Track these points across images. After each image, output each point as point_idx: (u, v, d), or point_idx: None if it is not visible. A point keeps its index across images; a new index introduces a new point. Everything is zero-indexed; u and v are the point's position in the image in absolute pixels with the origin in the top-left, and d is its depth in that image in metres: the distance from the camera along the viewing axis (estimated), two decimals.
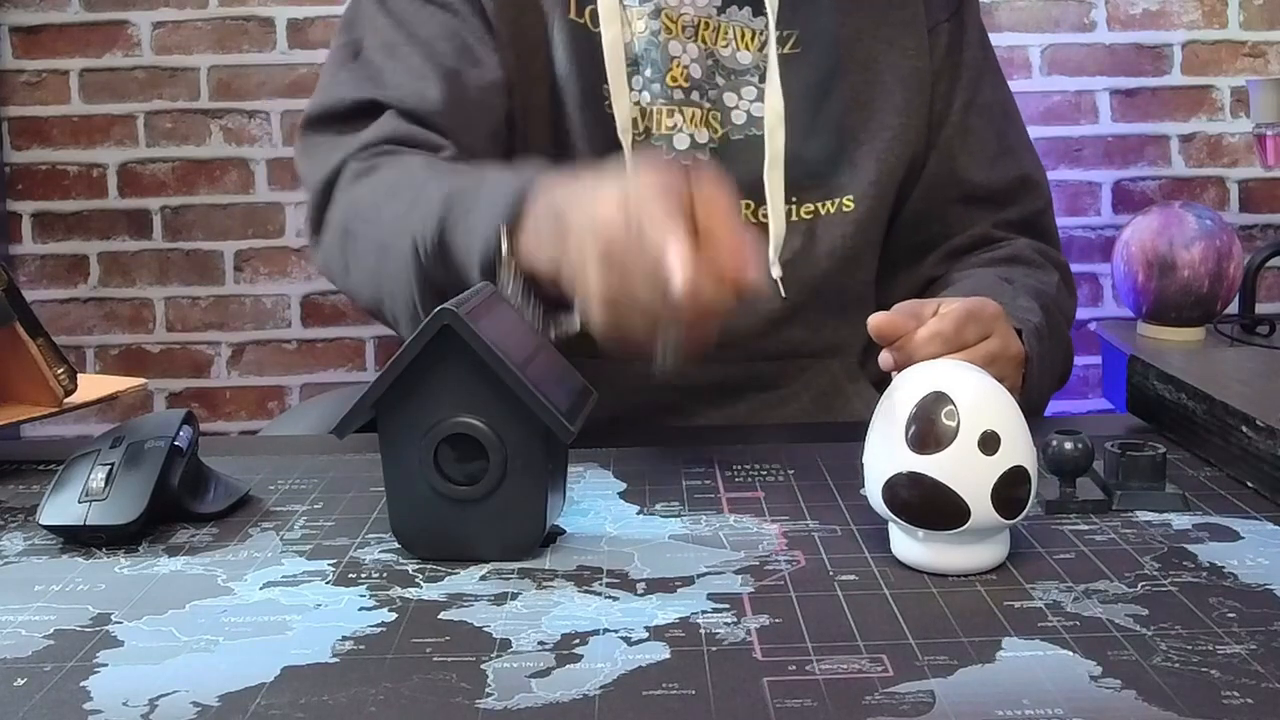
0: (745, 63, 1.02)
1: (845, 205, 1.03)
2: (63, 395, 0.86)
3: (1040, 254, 1.09)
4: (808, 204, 1.02)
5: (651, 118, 1.00)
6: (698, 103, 1.01)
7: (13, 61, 2.40)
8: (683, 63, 1.00)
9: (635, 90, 0.99)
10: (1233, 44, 2.42)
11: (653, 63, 1.00)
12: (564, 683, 0.50)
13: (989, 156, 1.10)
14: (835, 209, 1.03)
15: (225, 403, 2.47)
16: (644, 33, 1.00)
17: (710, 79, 1.01)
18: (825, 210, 1.03)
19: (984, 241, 1.09)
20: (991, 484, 0.59)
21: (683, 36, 1.00)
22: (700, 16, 1.01)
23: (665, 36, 1.00)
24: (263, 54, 2.40)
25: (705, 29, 1.01)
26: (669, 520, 0.70)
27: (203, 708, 0.48)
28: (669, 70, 1.00)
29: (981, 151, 1.09)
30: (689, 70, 1.00)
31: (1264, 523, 0.68)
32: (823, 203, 1.03)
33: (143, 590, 0.61)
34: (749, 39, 1.02)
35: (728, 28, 1.02)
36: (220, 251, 2.43)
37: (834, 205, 1.03)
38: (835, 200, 1.03)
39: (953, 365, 0.63)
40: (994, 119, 1.11)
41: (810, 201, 1.03)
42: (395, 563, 0.64)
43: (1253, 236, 2.44)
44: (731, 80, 1.02)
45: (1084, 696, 0.48)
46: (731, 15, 1.02)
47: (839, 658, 0.52)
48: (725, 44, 1.02)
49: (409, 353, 0.63)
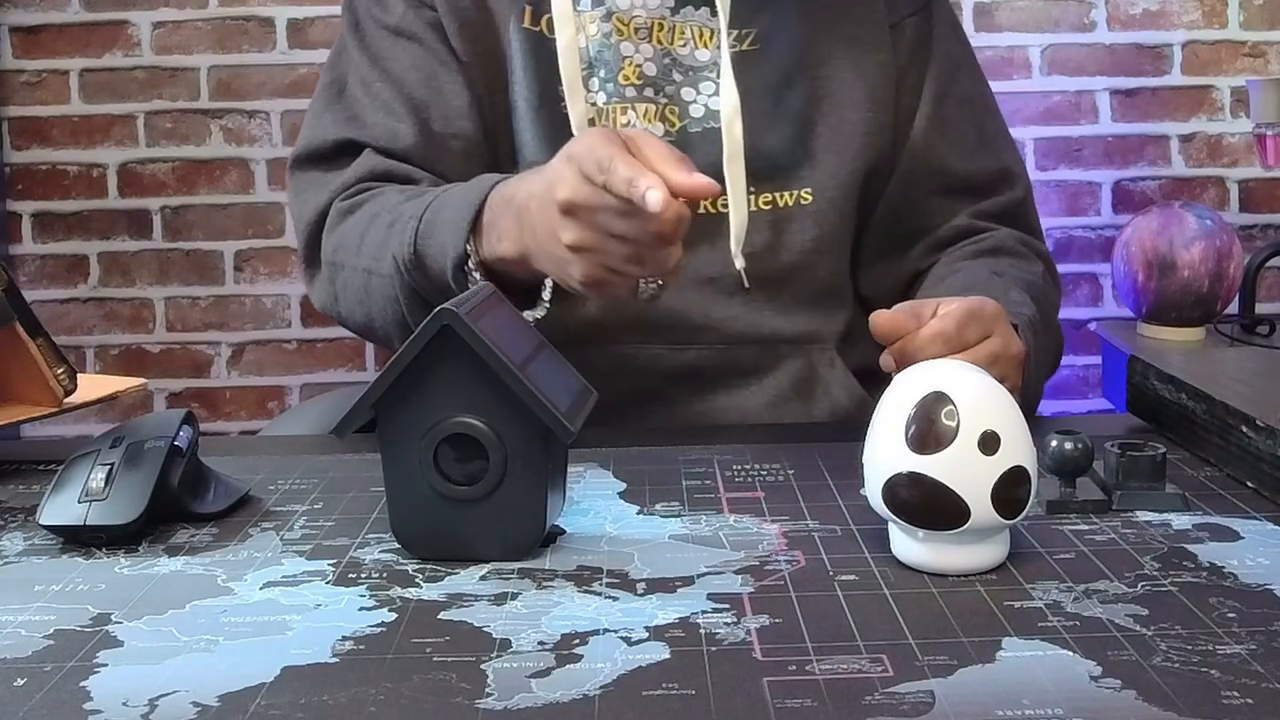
0: (703, 60, 1.05)
1: (804, 198, 1.05)
2: (63, 395, 0.86)
3: (1024, 244, 1.11)
4: (766, 194, 1.04)
5: (607, 116, 1.03)
6: (652, 99, 1.04)
7: (13, 61, 2.40)
8: (635, 62, 1.03)
9: (591, 91, 1.03)
10: (1233, 44, 2.42)
11: (605, 64, 1.03)
12: (564, 683, 0.50)
13: (967, 148, 1.11)
14: (794, 201, 1.05)
15: (225, 403, 2.47)
16: (596, 36, 1.03)
17: (667, 76, 1.04)
18: (784, 202, 1.05)
19: (967, 233, 1.11)
20: (991, 484, 0.59)
21: (635, 38, 1.04)
22: (653, 18, 1.04)
23: (617, 39, 1.03)
24: (263, 54, 2.40)
25: (659, 30, 1.05)
26: (669, 520, 0.70)
27: (203, 708, 0.48)
28: (621, 70, 1.03)
29: (959, 143, 1.11)
30: (642, 69, 1.03)
31: (1264, 523, 0.68)
32: (781, 194, 1.05)
33: (143, 590, 0.61)
34: (707, 37, 1.05)
35: (684, 27, 1.05)
36: (220, 251, 2.43)
37: (792, 197, 1.05)
38: (794, 192, 1.05)
39: (953, 365, 0.63)
40: (971, 111, 1.12)
41: (769, 192, 1.04)
42: (395, 563, 0.64)
43: (1253, 236, 2.44)
44: (689, 76, 1.05)
45: (1084, 696, 0.48)
46: (687, 15, 1.05)
47: (839, 658, 0.52)
48: (683, 43, 1.05)
49: (409, 353, 0.63)
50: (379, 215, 0.96)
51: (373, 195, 0.99)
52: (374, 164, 1.02)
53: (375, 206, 0.97)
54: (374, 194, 1.00)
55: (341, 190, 1.01)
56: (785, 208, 1.05)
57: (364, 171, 1.02)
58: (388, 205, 0.96)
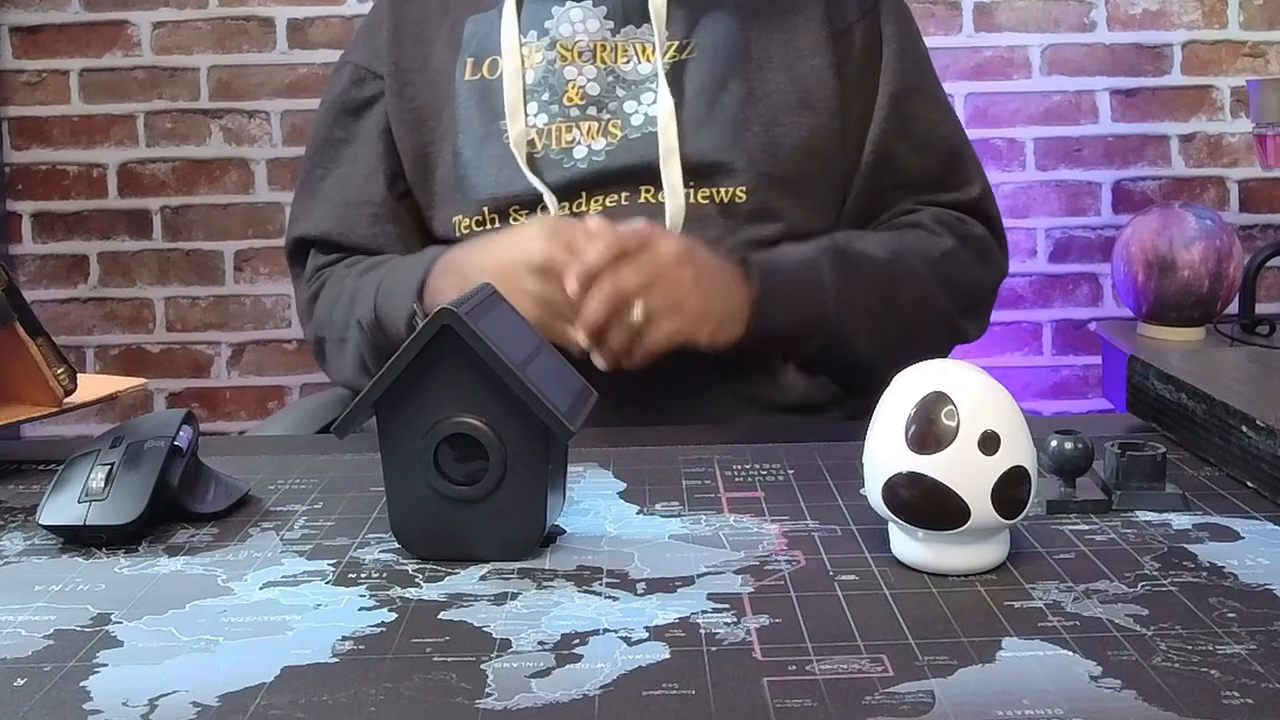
0: (645, 73, 1.12)
1: (739, 196, 1.09)
2: (63, 395, 0.86)
3: (942, 223, 1.15)
4: (704, 189, 1.09)
5: (550, 135, 1.11)
6: (595, 116, 1.11)
7: (13, 61, 2.40)
8: (579, 84, 1.12)
9: (530, 115, 1.11)
10: (1233, 44, 2.42)
11: (549, 88, 1.12)
12: (564, 683, 0.50)
13: (921, 145, 1.15)
14: (729, 198, 1.09)
15: (225, 403, 2.47)
16: (539, 63, 1.13)
17: (610, 93, 1.12)
18: (720, 199, 1.09)
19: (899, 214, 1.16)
20: (991, 484, 0.59)
21: (579, 61, 1.13)
22: (595, 41, 1.13)
23: (561, 64, 1.12)
24: (263, 54, 2.40)
25: (603, 50, 1.13)
26: (669, 520, 0.70)
27: (203, 708, 0.48)
28: (565, 92, 1.12)
29: (913, 140, 1.15)
30: (585, 89, 1.12)
31: (1264, 523, 0.68)
32: (717, 190, 1.09)
33: (143, 590, 0.61)
34: (650, 51, 1.12)
35: (626, 45, 1.13)
36: (220, 251, 2.43)
37: (728, 194, 1.09)
38: (729, 189, 1.09)
39: (953, 365, 0.63)
40: (925, 109, 1.16)
41: (706, 187, 1.09)
42: (395, 563, 0.64)
43: (1253, 236, 2.44)
44: (631, 90, 1.11)
45: (1084, 696, 0.48)
46: (628, 34, 1.13)
47: (839, 658, 0.52)
48: (626, 59, 1.12)
49: (409, 353, 0.63)
50: (339, 297, 1.14)
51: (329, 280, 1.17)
52: (319, 262, 1.20)
53: (334, 290, 1.15)
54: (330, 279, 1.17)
55: (307, 281, 1.21)
56: (723, 203, 1.09)
57: (318, 264, 1.20)
58: (345, 288, 1.14)
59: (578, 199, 1.10)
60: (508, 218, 1.10)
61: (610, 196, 1.09)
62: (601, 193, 1.09)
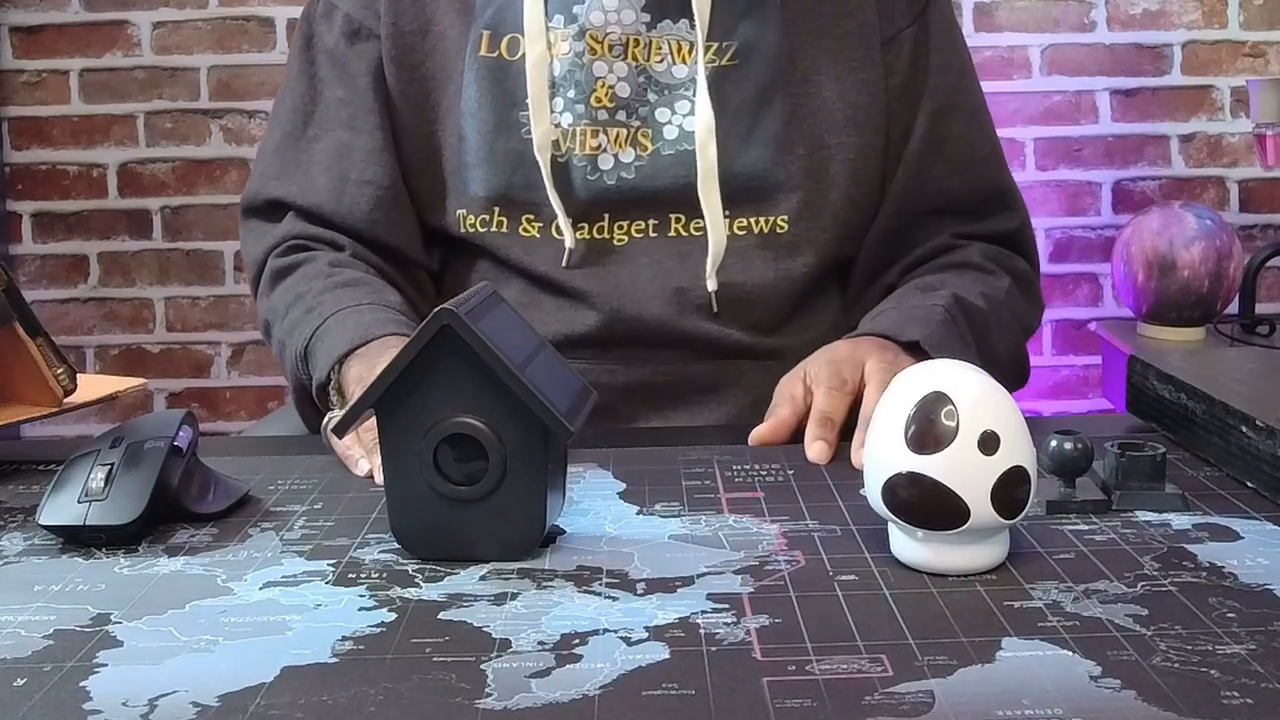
0: (680, 76, 1.02)
1: (780, 226, 1.02)
2: (62, 395, 0.86)
3: (993, 259, 1.07)
4: (741, 219, 1.01)
5: (574, 138, 1.01)
6: (625, 122, 1.01)
7: (13, 61, 2.40)
8: (609, 83, 1.01)
9: (555, 112, 1.01)
10: (1233, 44, 2.42)
11: (576, 84, 1.00)
12: (564, 683, 0.50)
13: (961, 167, 1.07)
14: (769, 228, 1.02)
15: (225, 403, 2.47)
16: (567, 54, 1.01)
17: (641, 96, 1.01)
18: (760, 229, 1.02)
19: (942, 250, 1.07)
20: (991, 484, 0.59)
21: (609, 56, 1.01)
22: (628, 34, 1.01)
23: (590, 58, 1.00)
24: (262, 54, 2.40)
25: (635, 46, 1.01)
26: (669, 520, 0.70)
27: (202, 708, 0.48)
28: (593, 91, 1.00)
29: (953, 161, 1.06)
30: (615, 90, 1.01)
31: (1264, 523, 0.68)
32: (755, 219, 1.02)
33: (142, 590, 0.61)
34: (685, 52, 1.01)
35: (660, 42, 1.01)
36: (220, 251, 2.43)
37: (768, 224, 1.02)
38: (769, 219, 1.02)
39: (953, 365, 0.63)
40: (967, 128, 1.08)
41: (744, 216, 1.01)
42: (395, 563, 0.64)
43: (1253, 236, 2.44)
44: (665, 95, 1.01)
45: (1084, 696, 0.48)
46: (664, 30, 1.01)
47: (839, 658, 0.52)
48: (659, 59, 1.01)
49: (409, 353, 0.63)
50: (303, 296, 0.99)
51: (304, 262, 1.03)
52: (301, 228, 1.06)
53: (302, 285, 1.01)
54: (305, 261, 1.03)
55: (276, 244, 1.06)
56: (760, 234, 1.02)
57: (293, 232, 1.06)
58: (312, 289, 0.99)
59: (599, 221, 1.02)
60: (519, 223, 1.02)
61: (636, 224, 1.02)
62: (627, 219, 1.02)
